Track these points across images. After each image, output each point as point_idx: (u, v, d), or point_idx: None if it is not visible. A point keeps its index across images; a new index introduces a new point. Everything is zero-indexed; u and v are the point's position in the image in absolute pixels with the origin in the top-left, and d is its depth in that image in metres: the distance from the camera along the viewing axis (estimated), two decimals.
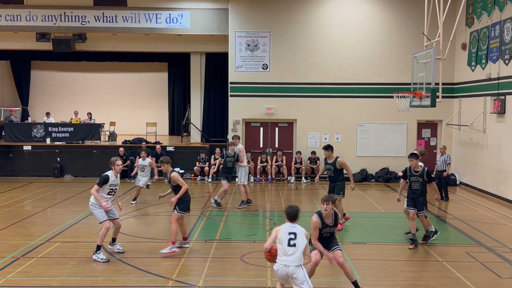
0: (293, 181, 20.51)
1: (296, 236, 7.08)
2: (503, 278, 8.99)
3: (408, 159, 11.13)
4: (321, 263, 8.62)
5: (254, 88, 21.12)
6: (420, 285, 8.64)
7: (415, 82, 15.44)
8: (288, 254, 7.00)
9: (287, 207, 7.41)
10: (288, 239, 7.06)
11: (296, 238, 7.07)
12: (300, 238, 7.08)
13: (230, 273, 9.29)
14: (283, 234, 7.09)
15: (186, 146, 22.34)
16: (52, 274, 9.03)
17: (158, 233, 12.13)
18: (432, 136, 21.39)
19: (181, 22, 21.85)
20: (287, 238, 7.06)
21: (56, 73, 28.27)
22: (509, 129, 16.21)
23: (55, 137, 22.31)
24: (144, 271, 9.14)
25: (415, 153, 11.21)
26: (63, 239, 11.31)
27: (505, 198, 16.35)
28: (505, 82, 16.43)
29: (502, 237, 11.78)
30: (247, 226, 12.78)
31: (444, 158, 16.56)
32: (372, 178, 20.80)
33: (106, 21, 21.79)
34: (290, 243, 7.04)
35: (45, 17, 21.88)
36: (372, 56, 20.92)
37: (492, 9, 17.25)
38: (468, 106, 19.33)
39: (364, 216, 14.28)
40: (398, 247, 11.06)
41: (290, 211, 7.27)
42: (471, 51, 18.99)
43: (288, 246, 7.03)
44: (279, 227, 7.25)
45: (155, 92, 28.53)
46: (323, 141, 21.03)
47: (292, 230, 7.12)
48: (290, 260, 6.98)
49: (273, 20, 21.02)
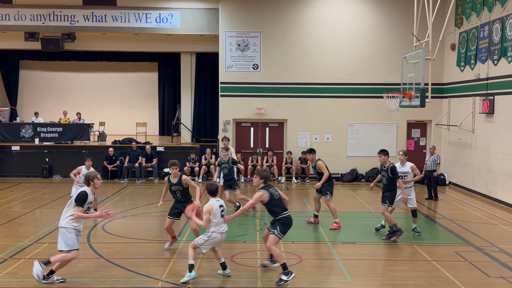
0: (284, 181, 20.51)
1: (223, 207, 8.64)
2: (491, 277, 9.04)
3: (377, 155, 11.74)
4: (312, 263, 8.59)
5: (245, 88, 21.10)
6: (409, 284, 8.67)
7: (405, 83, 15.49)
8: (222, 223, 8.57)
9: (208, 184, 8.82)
10: (220, 211, 8.57)
11: (224, 208, 8.65)
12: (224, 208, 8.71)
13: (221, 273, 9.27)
14: (216, 210, 8.50)
15: (176, 146, 22.28)
16: None
17: (147, 234, 12.08)
18: (421, 136, 21.49)
19: (171, 22, 21.78)
20: (220, 211, 8.56)
21: (45, 73, 28.06)
22: (498, 129, 16.32)
23: (44, 137, 22.15)
24: (133, 272, 9.09)
25: (384, 150, 11.72)
26: (52, 240, 11.20)
27: (494, 197, 16.45)
28: (494, 83, 16.54)
29: (490, 237, 11.85)
30: (237, 227, 12.75)
31: (434, 158, 16.66)
32: (362, 178, 20.86)
33: (96, 21, 21.68)
34: (222, 214, 8.59)
35: (33, 16, 21.73)
36: (362, 57, 20.98)
37: (481, 10, 17.35)
38: (457, 106, 19.44)
39: (354, 216, 14.31)
40: (388, 246, 11.09)
41: (211, 188, 8.70)
42: (460, 51, 19.10)
43: (222, 218, 8.58)
44: (209, 206, 8.45)
45: (145, 92, 28.41)
46: (314, 141, 21.08)
47: (220, 203, 8.63)
48: (225, 227, 8.62)
49: (263, 20, 21.02)
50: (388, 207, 11.60)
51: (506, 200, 15.69)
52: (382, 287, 8.59)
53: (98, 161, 20.91)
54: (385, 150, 11.74)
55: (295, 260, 9.79)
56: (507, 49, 15.66)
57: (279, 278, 8.46)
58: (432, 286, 8.59)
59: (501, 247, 10.93)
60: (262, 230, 12.30)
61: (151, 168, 20.70)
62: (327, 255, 10.39)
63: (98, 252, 10.27)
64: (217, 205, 8.58)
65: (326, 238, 11.64)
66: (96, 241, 11.22)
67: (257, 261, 9.78)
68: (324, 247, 10.94)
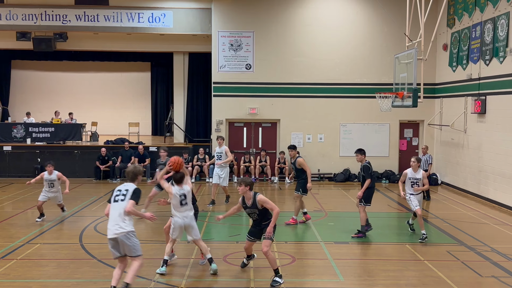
0: (277, 181, 20.51)
1: (186, 197, 8.85)
2: (483, 276, 9.07)
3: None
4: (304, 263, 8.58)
5: (238, 88, 21.09)
6: (402, 284, 8.69)
7: (397, 83, 15.54)
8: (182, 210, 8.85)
9: (174, 173, 8.93)
10: (180, 200, 8.82)
11: (186, 198, 8.86)
12: (188, 197, 8.91)
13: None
14: (175, 198, 8.81)
15: (169, 147, 22.12)
16: (32, 276, 8.92)
17: (139, 234, 11.97)
18: (414, 136, 21.56)
19: (164, 22, 21.73)
20: (179, 200, 8.82)
21: (37, 73, 27.92)
22: (490, 129, 16.40)
23: (36, 138, 22.02)
24: (125, 273, 9.03)
25: (360, 149, 12.13)
26: (43, 241, 11.17)
27: (486, 197, 16.53)
28: (486, 83, 16.62)
29: (483, 236, 11.90)
30: (230, 227, 12.74)
31: (426, 158, 16.65)
32: (355, 178, 20.88)
33: (88, 20, 21.59)
34: (182, 203, 8.84)
35: (25, 16, 21.61)
36: (354, 57, 21.02)
37: (473, 10, 17.43)
38: (449, 106, 19.52)
39: (346, 216, 14.33)
40: (380, 246, 11.12)
41: (176, 176, 8.93)
42: (452, 51, 19.17)
43: (181, 206, 8.85)
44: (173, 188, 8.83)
45: (137, 92, 28.33)
46: (307, 141, 21.11)
47: (181, 192, 8.85)
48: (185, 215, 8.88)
49: (256, 20, 21.02)
50: (364, 205, 11.83)
51: (498, 200, 15.76)
52: (374, 286, 8.60)
53: (91, 161, 20.87)
54: (361, 149, 12.12)
55: (288, 260, 9.79)
56: (498, 49, 15.74)
57: (272, 279, 8.45)
58: (424, 285, 8.62)
59: (493, 246, 10.98)
60: None
61: (144, 168, 20.62)
62: (319, 255, 10.39)
63: (90, 253, 10.22)
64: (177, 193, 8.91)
65: (319, 238, 11.65)
66: (88, 241, 11.17)
67: (250, 261, 9.75)
68: (317, 247, 10.94)
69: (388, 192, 18.42)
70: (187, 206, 8.90)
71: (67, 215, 13.71)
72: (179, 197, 8.82)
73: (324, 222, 13.24)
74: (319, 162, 21.05)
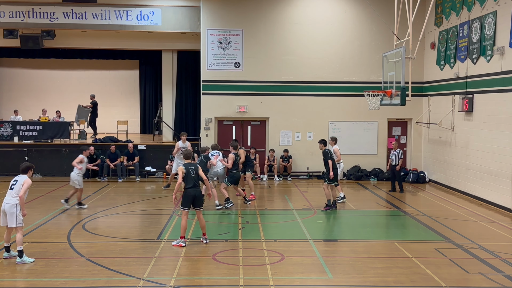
0: (266, 179, 20.53)
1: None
2: (471, 273, 9.15)
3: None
4: (293, 261, 8.59)
5: (227, 86, 21.06)
6: (390, 281, 8.74)
7: (386, 81, 15.62)
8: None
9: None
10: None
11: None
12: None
13: (202, 272, 9.26)
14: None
15: (158, 145, 22.16)
16: (20, 275, 8.86)
17: (128, 233, 11.99)
18: (402, 134, 21.67)
19: (152, 20, 21.64)
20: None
21: (24, 71, 27.68)
22: (477, 127, 16.53)
23: (23, 136, 21.82)
24: (114, 271, 9.02)
25: (322, 139, 14.79)
26: (31, 240, 11.09)
27: (473, 195, 16.66)
28: (473, 81, 16.75)
29: (470, 234, 12.00)
30: (219, 225, 12.74)
31: (397, 153, 17.83)
32: (343, 176, 20.96)
33: (76, 18, 21.43)
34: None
35: (12, 13, 21.40)
36: (343, 55, 21.08)
37: (460, 9, 17.55)
38: (437, 105, 19.65)
39: (335, 214, 14.37)
40: (369, 244, 11.18)
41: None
42: (440, 50, 19.30)
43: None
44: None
45: (126, 90, 28.17)
46: (296, 139, 21.14)
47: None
48: None
49: (245, 18, 21.00)
50: (328, 184, 14.45)
51: (485, 198, 15.89)
52: (363, 284, 8.65)
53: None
54: (323, 139, 14.80)
55: (277, 258, 9.81)
56: (486, 48, 15.86)
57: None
58: (412, 282, 8.68)
59: (480, 243, 11.07)
60: (244, 228, 12.33)
61: (133, 166, 20.55)
62: (308, 252, 10.42)
63: (78, 251, 10.17)
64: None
65: (308, 235, 11.68)
66: (76, 240, 11.11)
67: (239, 259, 9.78)
68: (306, 245, 10.97)
69: (377, 190, 18.51)
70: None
71: (56, 214, 13.61)
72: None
73: (313, 220, 13.27)
74: (308, 160, 21.10)
